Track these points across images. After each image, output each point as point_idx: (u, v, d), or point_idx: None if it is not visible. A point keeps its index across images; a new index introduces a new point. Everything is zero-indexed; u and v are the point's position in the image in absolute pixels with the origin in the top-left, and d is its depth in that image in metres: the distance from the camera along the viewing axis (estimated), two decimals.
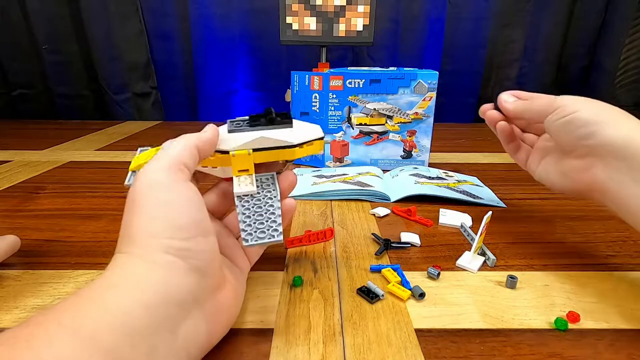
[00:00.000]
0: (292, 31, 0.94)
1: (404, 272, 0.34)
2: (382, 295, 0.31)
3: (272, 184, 0.30)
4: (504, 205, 0.50)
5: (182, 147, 0.25)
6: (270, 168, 0.31)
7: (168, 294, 0.21)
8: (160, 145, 0.29)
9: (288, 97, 0.87)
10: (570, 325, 0.28)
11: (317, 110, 0.65)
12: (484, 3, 1.10)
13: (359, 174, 0.59)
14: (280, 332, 0.27)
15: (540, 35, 1.13)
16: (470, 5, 1.10)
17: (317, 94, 0.64)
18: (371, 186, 0.53)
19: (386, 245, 0.38)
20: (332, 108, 0.63)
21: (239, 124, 0.30)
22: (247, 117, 0.30)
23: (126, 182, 0.30)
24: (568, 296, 0.31)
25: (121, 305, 0.19)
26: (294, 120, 0.31)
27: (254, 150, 0.29)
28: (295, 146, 0.30)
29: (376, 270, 0.35)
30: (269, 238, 0.26)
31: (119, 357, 0.17)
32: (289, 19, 0.93)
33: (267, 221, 0.27)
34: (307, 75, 0.64)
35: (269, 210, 0.27)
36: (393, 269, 0.34)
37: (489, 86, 1.18)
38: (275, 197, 0.28)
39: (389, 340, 0.26)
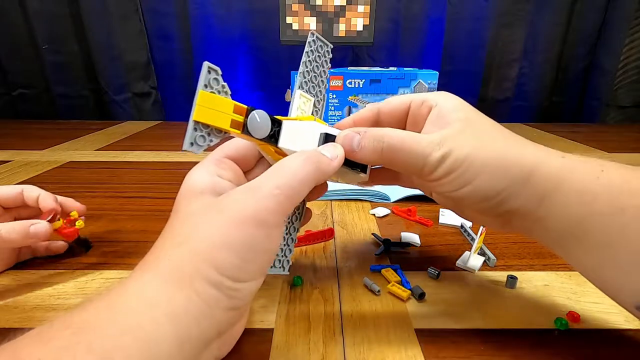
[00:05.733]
0: (292, 31, 0.94)
1: (403, 272, 0.34)
2: (379, 292, 0.31)
3: (300, 213, 0.29)
4: None
5: (300, 183, 0.22)
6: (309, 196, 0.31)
7: (201, 329, 0.20)
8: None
9: (288, 97, 0.87)
10: (570, 325, 0.28)
11: None
12: (484, 3, 1.10)
13: None
14: (280, 332, 0.27)
15: (540, 35, 1.13)
16: (470, 5, 1.10)
17: None
18: (371, 186, 0.53)
19: (386, 245, 0.38)
20: (332, 108, 0.63)
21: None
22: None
23: (186, 147, 0.20)
24: (568, 296, 0.31)
25: (157, 337, 0.18)
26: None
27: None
28: None
29: (376, 270, 0.35)
30: (278, 270, 0.26)
31: None
32: (289, 19, 0.93)
33: (281, 252, 0.27)
34: None
35: (289, 243, 0.27)
36: (393, 269, 0.34)
37: (488, 86, 1.18)
38: (296, 229, 0.28)
39: (389, 340, 0.26)
